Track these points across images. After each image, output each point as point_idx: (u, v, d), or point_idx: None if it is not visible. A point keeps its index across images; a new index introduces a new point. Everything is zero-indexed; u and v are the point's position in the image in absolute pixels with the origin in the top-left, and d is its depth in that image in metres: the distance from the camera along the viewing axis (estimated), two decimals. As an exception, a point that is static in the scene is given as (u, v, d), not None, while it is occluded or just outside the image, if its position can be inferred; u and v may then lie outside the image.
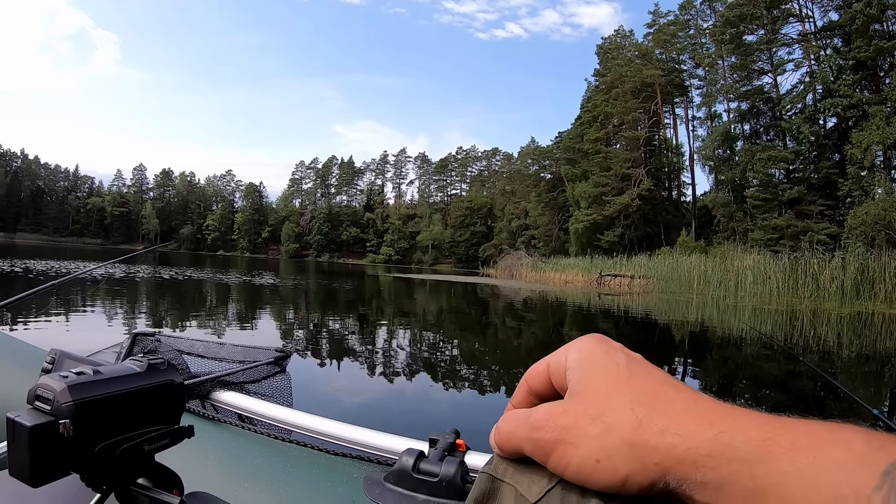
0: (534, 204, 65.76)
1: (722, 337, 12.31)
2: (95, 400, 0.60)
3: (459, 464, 0.89)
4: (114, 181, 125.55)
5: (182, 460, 0.81)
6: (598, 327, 13.55)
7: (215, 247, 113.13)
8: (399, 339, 9.98)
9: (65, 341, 6.53)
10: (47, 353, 0.88)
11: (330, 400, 5.25)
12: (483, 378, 6.89)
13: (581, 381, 0.40)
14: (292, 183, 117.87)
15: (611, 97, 50.82)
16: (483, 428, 2.28)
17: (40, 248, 61.25)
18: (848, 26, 35.77)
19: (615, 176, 47.77)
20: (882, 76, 35.17)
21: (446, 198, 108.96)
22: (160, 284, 18.09)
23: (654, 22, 53.74)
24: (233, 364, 1.54)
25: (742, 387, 7.29)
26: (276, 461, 1.11)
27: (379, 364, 7.15)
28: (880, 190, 29.59)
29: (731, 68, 43.10)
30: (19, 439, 0.56)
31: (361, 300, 19.00)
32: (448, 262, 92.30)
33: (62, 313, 9.50)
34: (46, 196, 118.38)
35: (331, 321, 12.00)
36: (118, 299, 12.66)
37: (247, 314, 12.17)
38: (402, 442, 1.11)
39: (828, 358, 9.47)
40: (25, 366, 1.38)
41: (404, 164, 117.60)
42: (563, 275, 39.96)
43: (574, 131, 58.22)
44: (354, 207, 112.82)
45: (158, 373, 0.70)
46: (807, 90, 38.23)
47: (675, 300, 23.52)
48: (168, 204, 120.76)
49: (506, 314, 16.43)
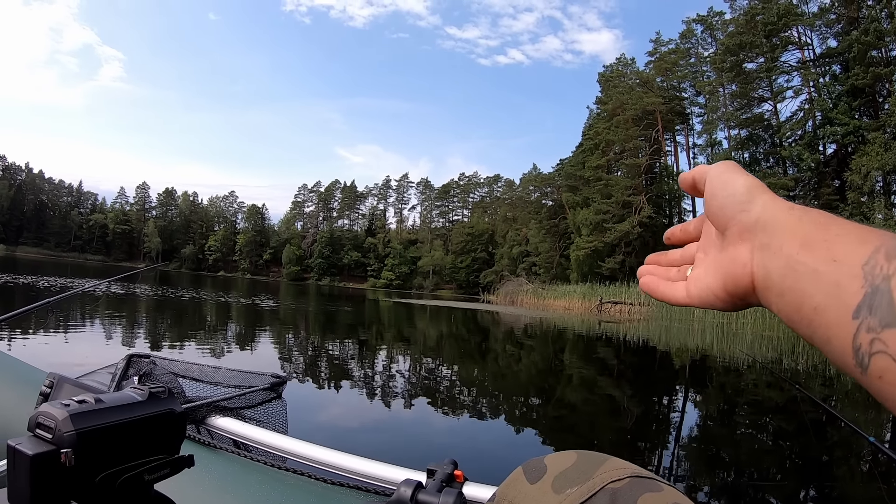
0: (535, 231, 65.91)
1: (722, 364, 12.26)
2: (98, 429, 0.60)
3: (458, 495, 0.88)
4: (117, 198, 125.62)
5: (178, 488, 0.80)
6: (597, 354, 13.51)
7: (216, 267, 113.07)
8: (398, 366, 9.93)
9: (60, 358, 6.52)
10: (46, 377, 0.87)
11: (326, 427, 5.20)
12: (482, 406, 6.85)
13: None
14: (294, 206, 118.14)
15: (612, 124, 51.20)
16: (481, 458, 2.29)
17: (41, 262, 61.37)
18: (846, 53, 36.16)
19: (616, 203, 47.91)
20: (881, 102, 35.40)
21: (448, 223, 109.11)
22: (160, 303, 18.05)
23: (655, 50, 54.38)
24: (228, 389, 1.52)
25: (742, 413, 7.25)
26: (272, 490, 1.10)
27: (376, 391, 7.11)
28: (880, 215, 29.63)
29: (732, 96, 43.49)
30: (20, 467, 0.56)
31: (361, 325, 18.94)
32: (449, 287, 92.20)
33: (60, 329, 9.51)
34: (49, 211, 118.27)
35: (329, 346, 11.96)
36: (116, 317, 12.63)
37: (244, 337, 12.13)
38: (400, 472, 1.10)
39: (829, 384, 9.43)
40: (23, 387, 1.38)
41: (406, 189, 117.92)
42: (564, 301, 39.92)
43: (575, 158, 58.53)
44: (356, 231, 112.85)
45: (159, 402, 0.70)
46: (806, 117, 38.57)
47: (676, 327, 23.49)
48: (170, 223, 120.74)
49: (506, 341, 16.39)
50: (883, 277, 0.33)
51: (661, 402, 8.10)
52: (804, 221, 0.39)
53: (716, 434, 6.17)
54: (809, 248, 0.38)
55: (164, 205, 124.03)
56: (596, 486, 0.50)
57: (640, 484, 0.50)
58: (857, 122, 34.31)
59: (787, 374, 10.14)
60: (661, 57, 52.84)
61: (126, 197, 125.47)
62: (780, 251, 0.40)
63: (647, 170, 49.98)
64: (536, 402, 7.54)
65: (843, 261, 0.36)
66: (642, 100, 49.53)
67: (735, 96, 43.04)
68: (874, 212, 30.33)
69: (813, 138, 37.52)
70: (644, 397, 8.47)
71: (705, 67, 49.04)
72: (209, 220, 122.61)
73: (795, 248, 0.39)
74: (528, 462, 0.53)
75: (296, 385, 6.66)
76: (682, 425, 6.46)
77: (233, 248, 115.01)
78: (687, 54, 51.49)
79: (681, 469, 4.66)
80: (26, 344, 7.61)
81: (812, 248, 0.38)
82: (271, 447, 1.28)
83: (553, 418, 6.47)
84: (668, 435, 5.90)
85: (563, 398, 7.93)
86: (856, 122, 34.29)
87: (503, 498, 0.45)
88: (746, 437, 6.13)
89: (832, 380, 10.03)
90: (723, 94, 44.52)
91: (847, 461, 5.33)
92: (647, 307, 31.99)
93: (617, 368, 11.44)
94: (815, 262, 0.37)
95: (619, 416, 6.77)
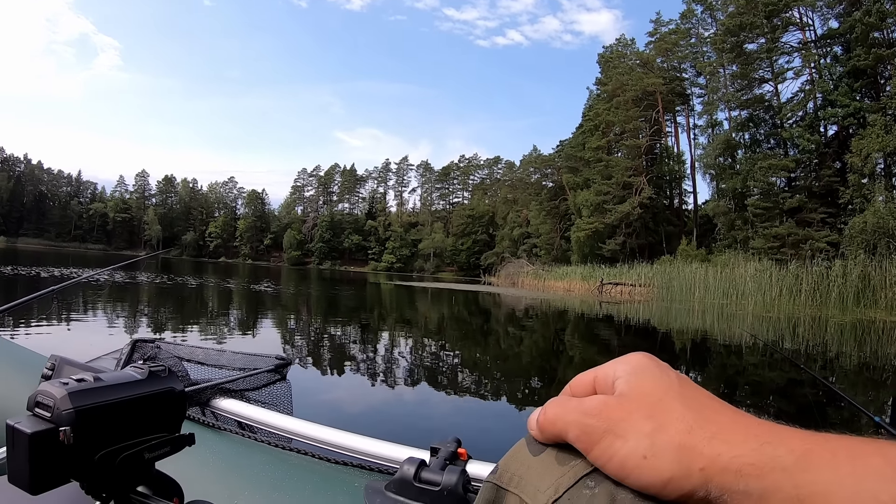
0: (535, 212, 65.89)
1: (723, 345, 12.28)
2: (96, 407, 0.60)
3: (461, 473, 0.88)
4: (116, 187, 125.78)
5: (182, 468, 0.81)
6: (599, 335, 13.54)
7: (217, 254, 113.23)
8: (400, 347, 9.95)
9: (64, 346, 6.53)
10: (47, 360, 0.88)
11: (330, 408, 5.22)
12: (484, 386, 6.87)
13: (633, 386, 0.41)
14: (294, 190, 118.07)
15: (612, 105, 50.98)
16: (485, 436, 2.30)
17: (42, 253, 61.33)
18: (848, 34, 35.85)
19: (616, 184, 47.80)
20: (882, 83, 35.17)
21: (448, 206, 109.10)
22: (162, 290, 18.07)
23: (655, 31, 53.96)
24: (233, 371, 1.53)
25: (744, 394, 7.27)
26: (276, 469, 1.11)
27: (379, 372, 7.13)
28: (881, 197, 29.53)
29: (732, 77, 43.21)
30: (19, 446, 0.56)
31: (363, 308, 18.98)
32: (450, 270, 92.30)
33: (63, 318, 9.50)
34: (49, 201, 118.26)
35: (332, 329, 11.98)
36: (119, 304, 12.67)
37: (247, 321, 12.17)
38: (404, 451, 1.11)
39: (828, 366, 9.44)
40: (25, 372, 1.38)
41: (406, 172, 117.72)
42: (565, 283, 39.94)
43: (575, 140, 58.31)
44: (356, 215, 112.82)
45: (159, 380, 0.71)
46: (807, 98, 38.34)
47: (677, 308, 23.49)
48: (170, 210, 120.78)
49: (507, 322, 16.43)
50: None
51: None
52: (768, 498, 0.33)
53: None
54: None
55: (164, 192, 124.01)
56: None
57: None
58: (857, 104, 34.03)
59: (789, 353, 10.14)
60: (661, 37, 52.43)
61: (125, 185, 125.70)
62: None
63: (647, 151, 49.75)
64: (539, 381, 7.57)
65: None
66: (642, 80, 49.22)
67: (736, 77, 42.75)
68: (874, 194, 30.20)
69: (814, 120, 37.23)
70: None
71: (706, 48, 48.63)
72: (209, 206, 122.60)
73: None
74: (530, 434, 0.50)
75: (299, 367, 6.68)
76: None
77: (233, 234, 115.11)
78: (687, 35, 51.08)
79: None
80: (29, 333, 7.62)
81: None
82: (276, 428, 1.29)
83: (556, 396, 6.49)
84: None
85: (566, 378, 7.96)
86: (856, 104, 34.01)
87: (505, 470, 0.44)
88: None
89: (832, 361, 10.05)
90: (723, 74, 44.23)
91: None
92: (648, 288, 32.02)
93: (618, 348, 11.46)
94: None
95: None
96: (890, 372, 9.29)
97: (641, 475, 0.36)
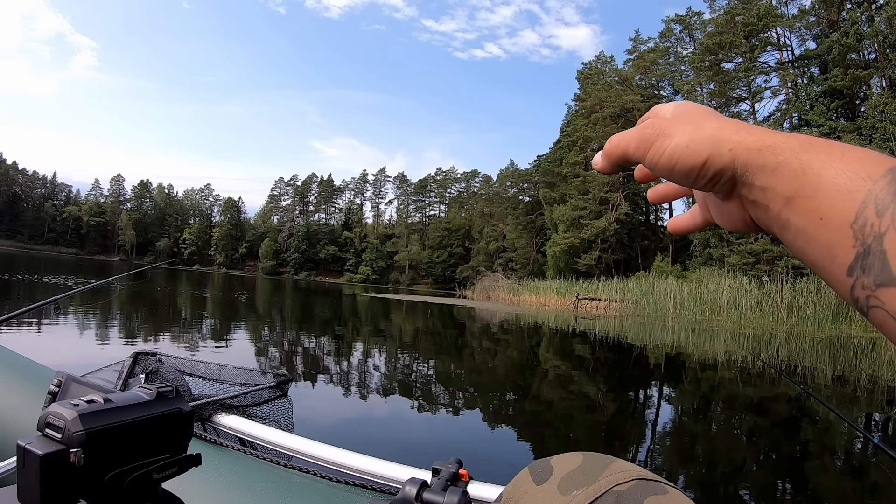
0: (512, 226, 66.31)
1: (698, 361, 12.39)
2: (106, 429, 0.61)
3: (463, 494, 0.88)
4: (91, 190, 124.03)
5: (184, 486, 0.81)
6: (574, 351, 13.60)
7: (192, 261, 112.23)
8: (375, 359, 9.95)
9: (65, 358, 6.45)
10: (54, 375, 0.87)
11: (330, 425, 5.19)
12: (488, 405, 6.85)
13: (676, 109, 0.51)
14: (271, 199, 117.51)
15: (590, 121, 51.48)
16: (486, 457, 2.30)
17: (14, 255, 60.45)
18: (825, 55, 36.56)
19: (593, 200, 48.23)
20: (858, 104, 35.87)
21: (425, 218, 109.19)
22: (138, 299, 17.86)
23: (634, 48, 54.73)
24: (234, 387, 1.53)
25: (719, 410, 7.33)
26: (277, 488, 1.10)
27: (377, 388, 7.09)
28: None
29: (710, 95, 43.81)
30: (30, 467, 0.56)
31: (340, 321, 18.91)
32: (425, 282, 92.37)
33: (63, 327, 9.58)
34: (23, 202, 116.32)
35: (309, 342, 11.92)
36: (119, 313, 12.69)
37: (233, 336, 12.08)
38: (405, 471, 1.11)
39: (806, 381, 9.56)
40: (30, 384, 1.37)
41: (383, 184, 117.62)
42: (540, 297, 40.02)
43: (553, 155, 58.87)
44: (333, 226, 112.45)
45: (167, 401, 0.71)
46: (783, 117, 39.01)
47: (651, 324, 23.66)
48: (145, 216, 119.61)
49: (482, 336, 16.44)
50: (874, 237, 0.35)
51: (636, 398, 8.17)
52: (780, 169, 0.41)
53: (693, 429, 6.24)
54: (794, 207, 0.40)
55: (140, 197, 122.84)
56: (602, 488, 0.50)
57: (646, 487, 0.50)
58: (833, 124, 34.61)
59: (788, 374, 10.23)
60: (640, 55, 53.19)
61: (101, 189, 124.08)
62: (767, 210, 0.43)
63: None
64: (540, 401, 7.57)
65: (830, 220, 0.38)
66: (621, 97, 49.80)
67: (713, 95, 43.37)
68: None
69: (789, 139, 37.86)
70: (621, 393, 8.54)
71: (684, 66, 49.43)
72: (185, 213, 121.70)
73: (780, 205, 0.41)
74: (534, 463, 0.53)
75: (297, 383, 6.61)
76: (657, 420, 6.52)
77: (208, 242, 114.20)
78: (666, 53, 51.87)
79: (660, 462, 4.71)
80: (29, 340, 7.63)
81: (796, 206, 0.40)
82: (277, 445, 1.29)
83: (559, 416, 6.51)
84: (645, 428, 5.96)
85: (563, 392, 7.98)
86: (832, 124, 34.59)
87: (509, 499, 0.46)
88: (722, 433, 6.21)
89: (808, 377, 10.17)
90: (701, 93, 44.87)
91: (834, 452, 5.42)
92: (623, 304, 32.19)
93: (592, 365, 11.52)
94: (802, 222, 0.39)
95: (595, 411, 6.82)
96: (860, 386, 9.42)
97: (686, 160, 0.45)
